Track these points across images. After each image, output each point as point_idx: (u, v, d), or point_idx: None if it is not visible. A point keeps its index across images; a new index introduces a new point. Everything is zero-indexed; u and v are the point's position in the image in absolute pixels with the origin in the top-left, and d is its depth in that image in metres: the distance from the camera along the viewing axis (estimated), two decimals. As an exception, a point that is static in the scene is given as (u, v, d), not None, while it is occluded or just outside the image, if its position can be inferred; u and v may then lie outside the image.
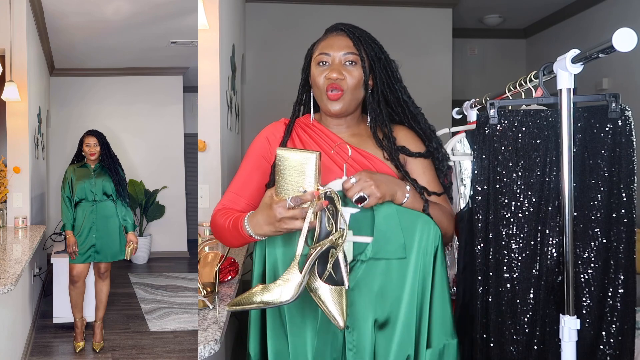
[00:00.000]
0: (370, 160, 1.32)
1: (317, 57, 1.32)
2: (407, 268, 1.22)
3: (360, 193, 1.16)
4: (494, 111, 1.36)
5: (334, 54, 1.31)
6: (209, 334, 1.17)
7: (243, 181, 1.37)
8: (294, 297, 1.07)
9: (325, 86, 1.29)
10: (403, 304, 1.22)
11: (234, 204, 1.35)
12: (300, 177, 1.09)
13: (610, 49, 1.13)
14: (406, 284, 1.22)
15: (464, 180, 1.54)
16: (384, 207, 1.22)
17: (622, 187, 1.32)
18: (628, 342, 1.33)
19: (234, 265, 1.73)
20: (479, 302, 1.37)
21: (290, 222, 1.11)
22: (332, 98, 1.29)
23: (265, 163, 1.36)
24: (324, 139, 1.35)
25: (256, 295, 1.08)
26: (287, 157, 1.10)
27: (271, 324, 1.27)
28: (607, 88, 4.56)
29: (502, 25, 5.72)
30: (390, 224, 1.21)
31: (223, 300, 1.44)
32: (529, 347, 1.34)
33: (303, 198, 1.09)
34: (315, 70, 1.32)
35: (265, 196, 1.17)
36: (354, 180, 1.17)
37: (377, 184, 1.18)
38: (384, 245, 1.21)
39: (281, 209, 1.10)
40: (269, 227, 1.15)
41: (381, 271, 1.22)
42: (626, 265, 1.32)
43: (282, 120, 1.42)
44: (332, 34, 1.35)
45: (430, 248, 1.22)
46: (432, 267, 1.22)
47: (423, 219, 1.23)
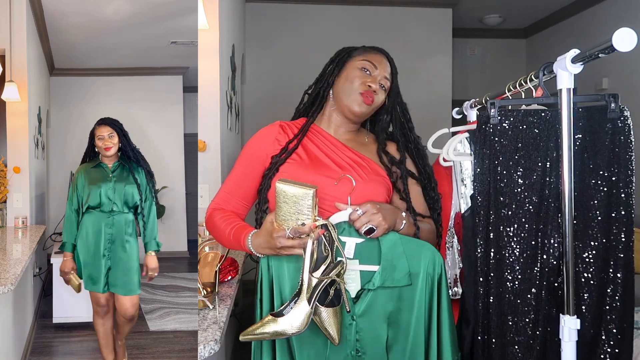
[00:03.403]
0: (367, 162, 1.37)
1: (361, 61, 1.39)
2: (414, 294, 1.28)
3: (368, 225, 1.21)
4: (494, 111, 1.36)
5: (379, 70, 1.38)
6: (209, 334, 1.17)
7: (235, 181, 1.42)
8: (304, 328, 1.15)
9: (362, 89, 1.35)
10: (412, 328, 1.28)
11: (227, 204, 1.40)
12: (298, 209, 1.17)
13: (610, 49, 1.13)
14: (414, 310, 1.28)
15: (464, 180, 1.54)
16: (388, 236, 1.27)
17: (621, 187, 1.32)
18: (627, 342, 1.33)
19: (234, 265, 1.73)
20: (480, 303, 1.37)
21: (290, 250, 1.19)
22: (367, 102, 1.35)
23: (258, 165, 1.40)
24: (323, 141, 1.40)
25: (268, 327, 1.15)
26: (285, 191, 1.17)
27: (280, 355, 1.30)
28: (607, 88, 4.56)
29: (502, 25, 5.72)
30: (396, 253, 1.26)
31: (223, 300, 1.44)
32: (530, 348, 1.34)
33: (301, 231, 1.17)
34: (354, 71, 1.38)
35: (266, 221, 1.24)
36: (360, 212, 1.22)
37: (384, 215, 1.23)
38: (391, 274, 1.26)
39: (282, 239, 1.19)
40: (269, 250, 1.23)
41: (389, 298, 1.27)
42: (625, 264, 1.32)
43: (277, 123, 1.45)
44: (376, 53, 1.42)
45: (435, 274, 1.28)
46: (437, 293, 1.28)
47: (426, 247, 1.29)
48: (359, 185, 1.29)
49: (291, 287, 1.26)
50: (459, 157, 1.54)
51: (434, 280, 1.28)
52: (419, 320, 1.28)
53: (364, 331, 1.27)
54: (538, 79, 1.42)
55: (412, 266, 1.27)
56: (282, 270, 1.29)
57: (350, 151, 1.37)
